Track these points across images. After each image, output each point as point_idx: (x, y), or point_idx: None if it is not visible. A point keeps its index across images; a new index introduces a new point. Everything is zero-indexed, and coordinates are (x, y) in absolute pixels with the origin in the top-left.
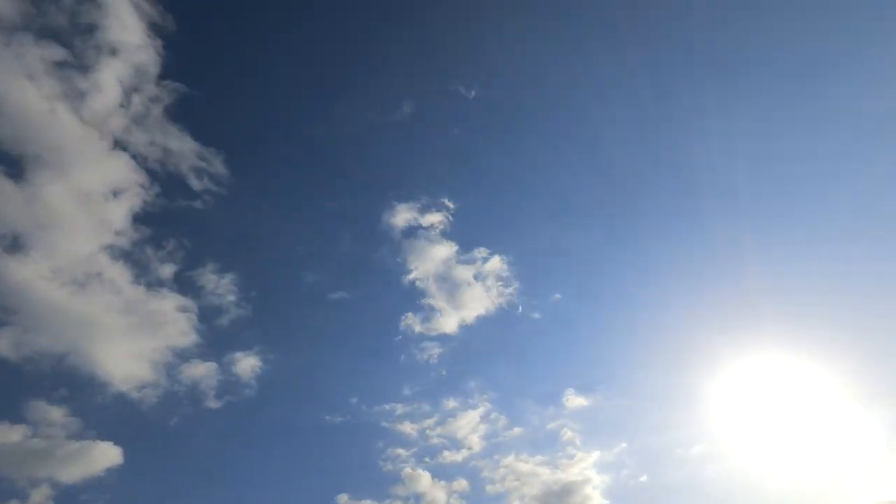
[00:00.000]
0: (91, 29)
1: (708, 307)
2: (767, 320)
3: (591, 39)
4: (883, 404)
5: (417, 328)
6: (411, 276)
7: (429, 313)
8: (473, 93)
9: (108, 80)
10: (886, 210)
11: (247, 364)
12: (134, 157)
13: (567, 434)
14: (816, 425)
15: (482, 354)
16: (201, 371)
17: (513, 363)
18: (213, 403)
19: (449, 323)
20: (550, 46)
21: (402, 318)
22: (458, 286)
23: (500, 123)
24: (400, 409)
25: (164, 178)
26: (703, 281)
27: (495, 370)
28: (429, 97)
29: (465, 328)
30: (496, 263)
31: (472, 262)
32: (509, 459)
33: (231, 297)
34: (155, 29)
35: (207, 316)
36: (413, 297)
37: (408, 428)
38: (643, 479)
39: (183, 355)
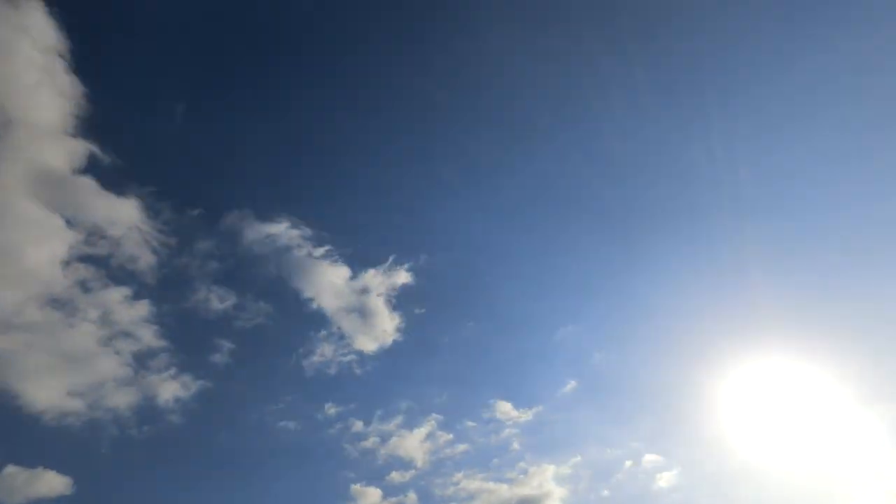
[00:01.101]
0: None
1: (639, 317)
2: (710, 324)
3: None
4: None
5: (330, 350)
6: (319, 300)
7: (339, 337)
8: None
9: (20, 145)
10: (888, 212)
11: (171, 391)
12: (52, 210)
13: (515, 448)
14: (789, 428)
15: (409, 374)
16: (132, 400)
17: (443, 382)
18: (141, 431)
19: (366, 343)
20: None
21: (317, 339)
22: (366, 308)
23: (385, 128)
24: (334, 430)
25: (82, 228)
26: (625, 290)
27: (427, 389)
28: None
29: (383, 349)
30: (403, 282)
31: (378, 284)
32: (459, 476)
33: (155, 328)
34: (64, 93)
35: (131, 346)
36: (323, 322)
37: (350, 450)
38: (605, 493)
39: (113, 386)
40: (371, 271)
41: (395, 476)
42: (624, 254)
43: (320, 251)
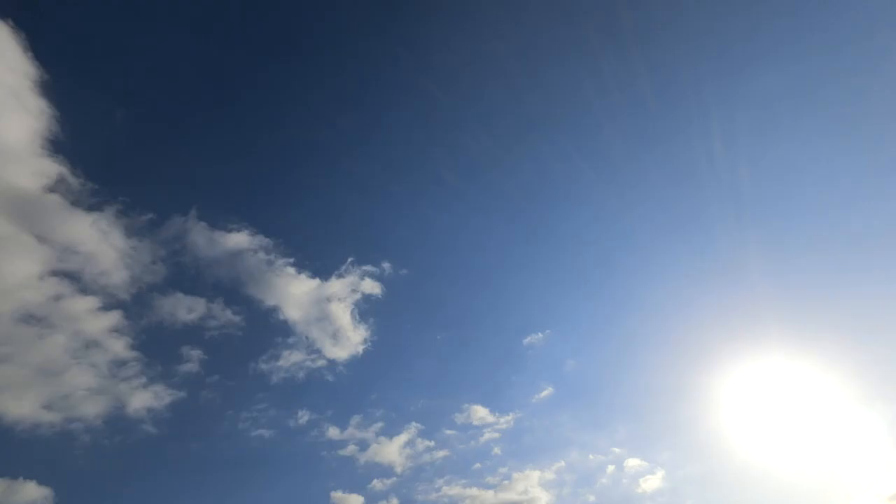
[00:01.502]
0: None
1: (615, 321)
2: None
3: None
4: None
5: (301, 358)
6: (287, 310)
7: (308, 346)
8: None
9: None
10: (889, 210)
11: (145, 401)
12: (23, 227)
13: (496, 453)
14: (776, 428)
15: (381, 382)
16: (107, 411)
17: (416, 388)
18: (120, 442)
19: (335, 351)
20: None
21: (285, 346)
22: (334, 317)
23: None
24: (309, 437)
25: (53, 244)
26: (599, 295)
27: (401, 395)
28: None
29: (355, 358)
30: (370, 291)
31: (345, 293)
32: (440, 482)
33: (126, 339)
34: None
35: (104, 358)
36: (292, 331)
37: (328, 457)
38: (591, 498)
39: (87, 397)
40: (337, 280)
41: (377, 484)
42: (598, 258)
43: (288, 261)
